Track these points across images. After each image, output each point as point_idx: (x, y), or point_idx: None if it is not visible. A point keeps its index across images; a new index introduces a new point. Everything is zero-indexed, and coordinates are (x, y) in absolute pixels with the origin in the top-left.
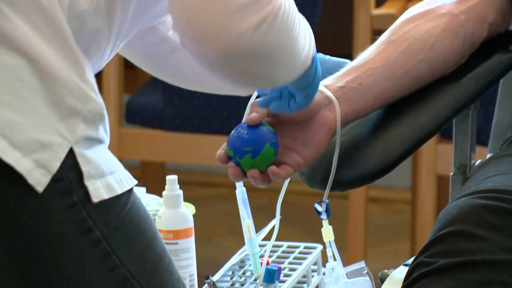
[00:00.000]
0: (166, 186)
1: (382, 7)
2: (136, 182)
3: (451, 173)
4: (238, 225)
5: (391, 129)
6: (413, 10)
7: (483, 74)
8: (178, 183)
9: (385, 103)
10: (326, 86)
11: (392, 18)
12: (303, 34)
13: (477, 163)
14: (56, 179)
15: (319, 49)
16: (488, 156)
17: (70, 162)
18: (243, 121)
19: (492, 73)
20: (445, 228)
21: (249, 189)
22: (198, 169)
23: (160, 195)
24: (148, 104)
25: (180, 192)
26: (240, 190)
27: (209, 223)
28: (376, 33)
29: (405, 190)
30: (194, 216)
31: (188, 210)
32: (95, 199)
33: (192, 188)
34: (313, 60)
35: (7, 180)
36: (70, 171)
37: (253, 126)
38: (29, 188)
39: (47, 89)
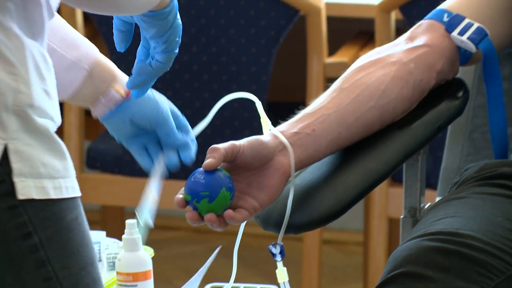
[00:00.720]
0: (125, 230)
1: (334, 56)
2: (79, 194)
3: (402, 216)
4: (196, 267)
5: (343, 175)
6: (364, 59)
7: (431, 121)
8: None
9: (338, 148)
10: (280, 132)
11: (344, 66)
12: None
13: (426, 206)
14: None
15: (274, 96)
16: (437, 199)
17: (5, 161)
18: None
19: (441, 120)
20: (395, 270)
21: (207, 231)
22: (157, 213)
23: (120, 239)
24: (108, 150)
25: (139, 235)
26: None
27: (168, 266)
28: (329, 80)
29: (358, 232)
30: (153, 258)
31: (147, 253)
32: (21, 196)
33: (151, 231)
34: (171, 1)
35: None
36: (4, 168)
37: (210, 171)
38: None
39: None
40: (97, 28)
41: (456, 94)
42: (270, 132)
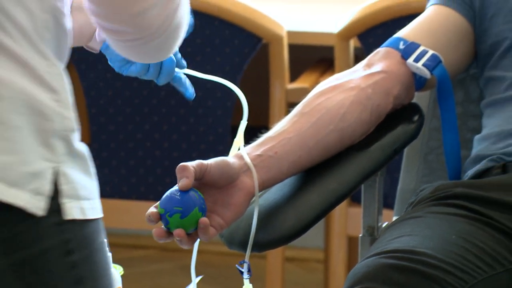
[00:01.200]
0: None
1: (296, 82)
2: (101, 215)
3: (360, 235)
4: (165, 284)
5: (304, 196)
6: (324, 84)
7: (388, 144)
8: (107, 245)
9: (299, 170)
10: (241, 154)
11: (305, 91)
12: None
13: (384, 225)
14: (51, 198)
15: (238, 120)
16: (394, 218)
17: (55, 182)
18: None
19: (397, 143)
20: (354, 286)
21: (175, 250)
22: (126, 232)
23: None
24: None
25: (109, 254)
26: None
27: (137, 283)
28: (291, 105)
29: (319, 250)
30: (122, 276)
31: (117, 271)
32: (67, 216)
33: (121, 250)
34: None
35: (7, 209)
36: (54, 189)
37: (185, 190)
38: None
39: (29, 122)
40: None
41: (411, 118)
42: (236, 154)
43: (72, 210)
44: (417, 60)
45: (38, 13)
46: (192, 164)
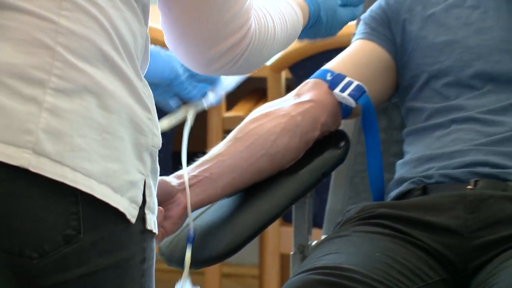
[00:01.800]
0: None
1: (232, 111)
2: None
3: (292, 253)
4: None
5: (239, 216)
6: (257, 112)
7: (317, 168)
8: None
9: (234, 190)
10: (182, 175)
11: (241, 119)
12: (283, 31)
13: (313, 244)
14: (140, 208)
15: (178, 146)
16: (323, 237)
17: (143, 194)
18: None
19: (325, 167)
20: None
21: None
22: None
23: None
24: None
25: None
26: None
27: None
28: (227, 132)
29: (254, 266)
30: None
31: None
32: (148, 226)
33: None
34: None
35: (103, 212)
36: (142, 199)
37: None
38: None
39: (130, 135)
40: None
41: (338, 144)
42: (176, 174)
43: (151, 221)
44: (343, 90)
45: (138, 36)
46: None
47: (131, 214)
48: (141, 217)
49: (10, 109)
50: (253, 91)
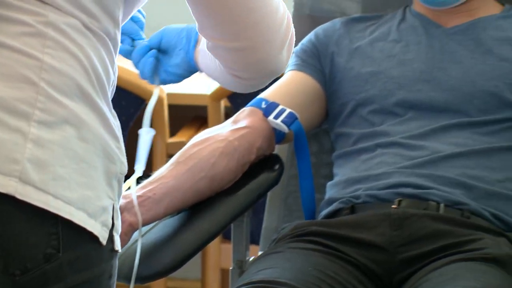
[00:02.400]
0: None
1: (175, 136)
2: None
3: (231, 268)
4: None
5: (181, 234)
6: (198, 137)
7: (253, 189)
8: None
9: (176, 210)
10: (128, 195)
11: (183, 145)
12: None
13: (251, 259)
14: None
15: (130, 170)
16: (260, 253)
17: (112, 217)
18: None
19: (261, 188)
20: None
21: None
22: None
23: None
24: None
25: None
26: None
27: None
28: (170, 157)
29: (196, 281)
30: None
31: None
32: (116, 247)
33: None
34: None
35: (79, 234)
36: (111, 222)
37: None
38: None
39: (102, 164)
40: None
41: (273, 167)
42: (123, 194)
43: (117, 242)
44: (276, 117)
45: (111, 72)
46: None
47: (103, 237)
48: (110, 238)
49: None
50: (195, 118)
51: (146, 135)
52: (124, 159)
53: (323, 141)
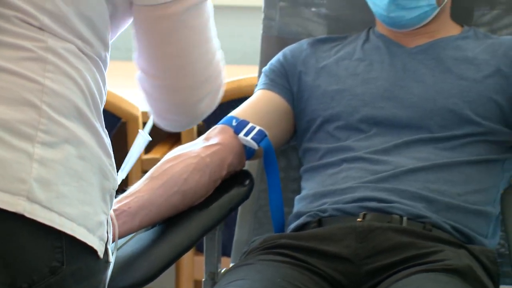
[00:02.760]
0: None
1: (150, 153)
2: None
3: (203, 279)
4: None
5: (156, 247)
6: (171, 153)
7: (225, 204)
8: None
9: (150, 223)
10: None
11: (158, 161)
12: None
13: (223, 271)
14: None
15: None
16: (231, 265)
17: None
18: None
19: (232, 202)
20: None
21: None
22: None
23: None
24: None
25: None
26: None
27: None
28: (145, 172)
29: None
30: None
31: None
32: (110, 259)
33: None
34: None
35: (80, 248)
36: (106, 234)
37: None
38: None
39: (98, 180)
40: None
41: (244, 182)
42: None
43: (111, 254)
44: (246, 134)
45: (103, 93)
46: None
47: (101, 251)
48: (105, 250)
49: (4, 160)
50: (169, 136)
51: (142, 139)
52: (116, 175)
53: (291, 157)
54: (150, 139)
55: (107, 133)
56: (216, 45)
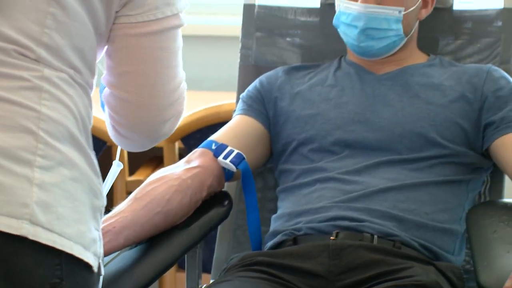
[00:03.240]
0: None
1: (134, 175)
2: None
3: None
4: None
5: (140, 265)
6: (154, 175)
7: (205, 223)
8: None
9: (135, 242)
10: None
11: (141, 183)
12: None
13: (203, 287)
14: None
15: None
16: (211, 281)
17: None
18: None
19: (212, 222)
20: None
21: None
22: None
23: None
24: None
25: None
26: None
27: None
28: (130, 194)
29: None
30: None
31: None
32: (102, 272)
33: None
34: None
35: (77, 264)
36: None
37: None
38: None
39: (89, 200)
40: None
41: (223, 202)
42: None
43: (102, 268)
44: (225, 157)
45: (91, 117)
46: None
47: (95, 265)
48: (98, 265)
49: (6, 186)
50: (152, 158)
51: (115, 168)
52: (104, 193)
53: (268, 179)
54: (122, 167)
55: (94, 153)
56: (183, 74)
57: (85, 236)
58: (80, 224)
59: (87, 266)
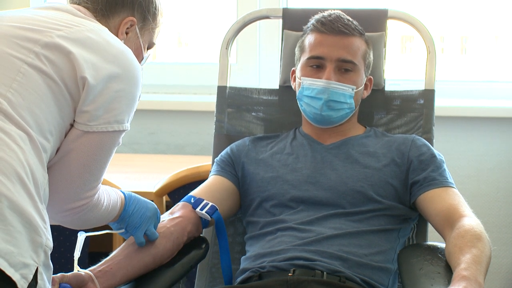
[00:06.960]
0: None
1: None
2: None
3: None
4: None
5: None
6: None
7: (186, 263)
8: None
9: (128, 280)
10: (90, 271)
11: None
12: (107, 210)
13: None
14: (29, 285)
15: (92, 249)
16: None
17: (35, 277)
18: None
19: (192, 262)
20: None
21: None
22: None
23: None
24: None
25: None
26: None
27: None
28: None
29: None
30: None
31: None
32: None
33: None
34: (120, 215)
35: (4, 281)
36: (34, 281)
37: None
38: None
39: (27, 232)
40: None
41: (201, 245)
42: (84, 271)
43: None
44: (202, 209)
45: (45, 179)
46: (57, 276)
47: (21, 286)
48: None
49: None
50: None
51: (80, 237)
52: (50, 237)
53: (237, 226)
54: (85, 235)
55: (47, 215)
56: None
57: (13, 256)
58: (9, 245)
59: (11, 282)
